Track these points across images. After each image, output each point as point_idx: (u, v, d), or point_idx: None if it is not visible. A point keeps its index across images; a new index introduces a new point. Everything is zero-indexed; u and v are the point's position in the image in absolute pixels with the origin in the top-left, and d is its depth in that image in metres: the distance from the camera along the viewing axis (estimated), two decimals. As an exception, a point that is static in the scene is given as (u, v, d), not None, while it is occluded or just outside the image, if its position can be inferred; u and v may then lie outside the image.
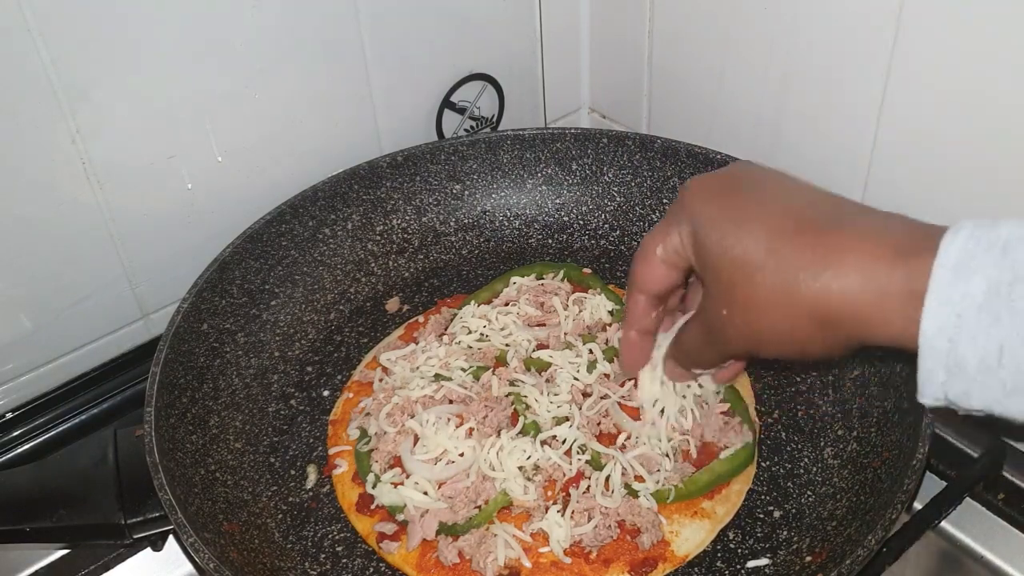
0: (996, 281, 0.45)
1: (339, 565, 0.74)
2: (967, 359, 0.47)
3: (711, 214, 0.56)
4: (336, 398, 0.88)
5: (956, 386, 0.48)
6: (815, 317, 0.52)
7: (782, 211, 0.55)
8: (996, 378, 0.46)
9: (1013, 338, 0.45)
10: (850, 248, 0.51)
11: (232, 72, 0.89)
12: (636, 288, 0.64)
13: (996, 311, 0.45)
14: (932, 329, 0.47)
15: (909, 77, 0.80)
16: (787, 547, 0.73)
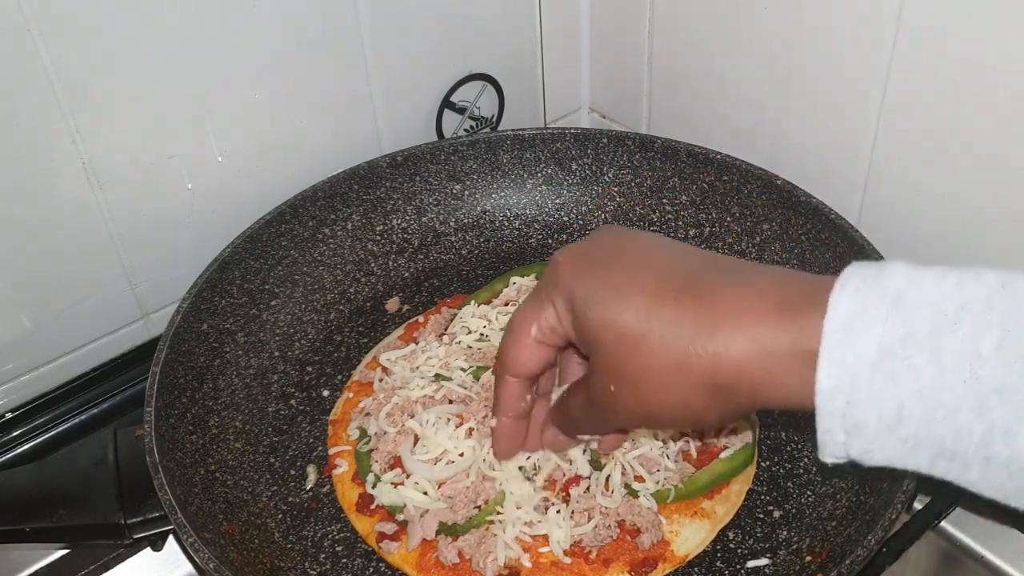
0: (888, 339, 0.43)
1: (339, 565, 0.74)
2: (866, 419, 0.45)
3: (588, 287, 0.53)
4: (336, 398, 0.88)
5: (857, 445, 0.46)
6: (708, 386, 0.49)
7: (659, 277, 0.52)
8: (896, 436, 0.44)
9: (910, 395, 0.43)
10: (733, 309, 0.48)
11: (232, 72, 0.89)
12: (508, 371, 0.60)
13: (891, 369, 0.43)
14: (827, 391, 0.45)
15: (910, 76, 0.80)
16: (787, 547, 0.73)
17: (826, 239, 0.87)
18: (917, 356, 0.43)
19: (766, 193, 0.92)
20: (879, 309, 0.44)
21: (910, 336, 0.43)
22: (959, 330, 0.42)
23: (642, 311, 0.50)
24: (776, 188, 0.91)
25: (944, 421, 0.43)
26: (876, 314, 0.44)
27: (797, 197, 0.89)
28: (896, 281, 0.44)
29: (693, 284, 0.50)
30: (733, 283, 0.50)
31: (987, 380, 0.41)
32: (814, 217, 0.88)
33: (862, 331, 0.44)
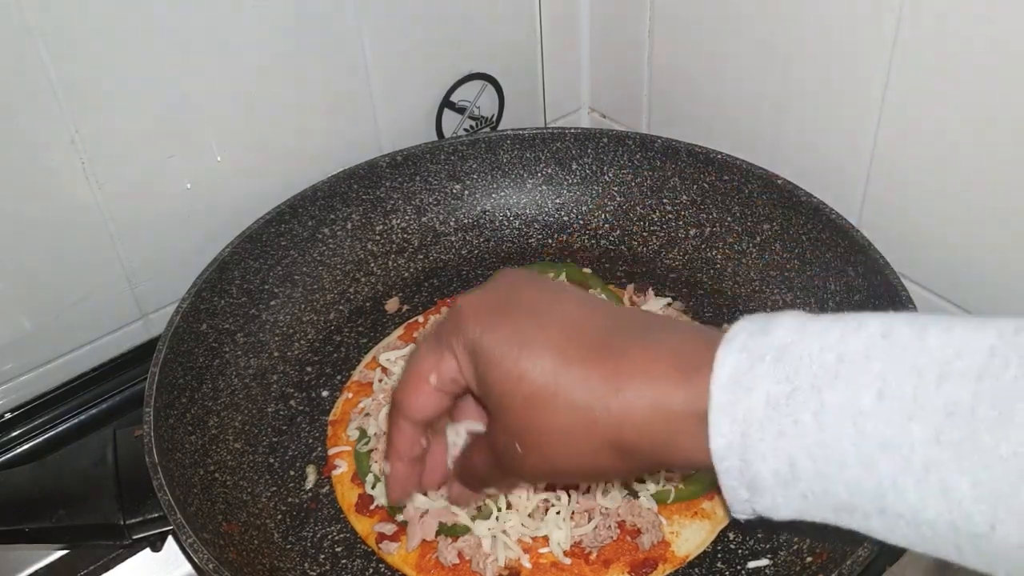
0: (774, 395, 0.43)
1: (338, 566, 0.74)
2: (762, 475, 0.44)
3: (492, 340, 0.51)
4: (335, 398, 0.88)
5: (762, 502, 0.46)
6: (614, 446, 0.49)
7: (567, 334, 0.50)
8: (795, 491, 0.44)
9: (800, 451, 0.43)
10: (637, 370, 0.48)
11: (232, 72, 0.88)
12: (403, 416, 0.58)
13: (779, 426, 0.43)
14: (721, 450, 0.45)
15: (910, 76, 0.80)
16: (787, 548, 0.73)
17: (827, 239, 0.87)
18: (802, 412, 0.42)
19: (767, 193, 0.92)
20: (763, 365, 0.44)
21: (795, 392, 0.43)
22: (839, 384, 0.42)
23: (549, 370, 0.49)
24: (777, 188, 0.91)
25: (836, 476, 0.42)
26: (760, 370, 0.43)
27: (798, 197, 0.89)
28: (781, 335, 0.44)
29: (599, 342, 0.50)
30: (637, 343, 0.49)
31: (871, 434, 0.41)
32: (815, 217, 0.88)
33: (749, 388, 0.43)
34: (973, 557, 0.40)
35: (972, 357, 0.40)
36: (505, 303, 0.53)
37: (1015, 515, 0.38)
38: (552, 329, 0.51)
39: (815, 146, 0.93)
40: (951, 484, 0.39)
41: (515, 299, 0.54)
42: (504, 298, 0.54)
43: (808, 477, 0.43)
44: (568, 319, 0.52)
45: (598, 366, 0.49)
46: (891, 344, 0.42)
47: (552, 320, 0.51)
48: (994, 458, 0.38)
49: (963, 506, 0.39)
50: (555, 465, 0.52)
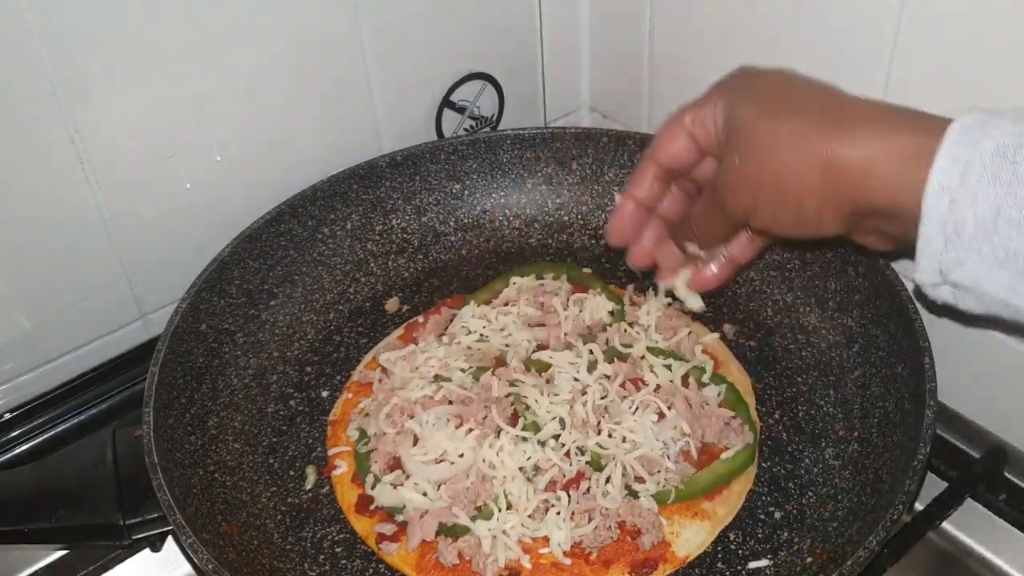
0: (1003, 145, 0.47)
1: (338, 566, 0.74)
2: (965, 221, 0.48)
3: (748, 89, 0.61)
4: (335, 398, 0.88)
5: (952, 253, 0.49)
6: (821, 166, 0.54)
7: (814, 89, 0.59)
8: (990, 244, 0.47)
9: (1009, 201, 0.46)
10: (869, 113, 0.54)
11: (231, 71, 0.88)
12: (649, 156, 0.66)
13: (997, 172, 0.46)
14: (937, 186, 0.48)
15: (910, 77, 0.80)
16: (788, 548, 0.73)
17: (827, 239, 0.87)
18: (1023, 164, 0.46)
19: (767, 193, 0.92)
20: (1002, 123, 0.48)
21: (1021, 146, 0.46)
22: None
23: (786, 107, 0.58)
24: (777, 188, 0.91)
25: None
26: (997, 125, 0.48)
27: (798, 197, 0.89)
28: (1019, 110, 0.49)
29: (834, 98, 0.58)
30: (869, 102, 0.57)
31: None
32: (815, 217, 0.88)
33: (982, 136, 0.48)
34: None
35: None
36: (768, 73, 0.63)
37: None
38: (803, 85, 0.60)
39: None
40: None
41: (778, 72, 0.63)
42: (769, 71, 0.64)
43: (1008, 229, 0.46)
44: (811, 82, 0.61)
45: (829, 103, 0.57)
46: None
47: (806, 83, 0.61)
48: None
49: None
50: (763, 175, 0.57)
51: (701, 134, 0.63)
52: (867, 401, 0.81)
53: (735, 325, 0.92)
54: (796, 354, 0.88)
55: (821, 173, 0.54)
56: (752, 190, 0.59)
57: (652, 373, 0.82)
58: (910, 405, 0.75)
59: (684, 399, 0.80)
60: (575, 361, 0.82)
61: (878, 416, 0.79)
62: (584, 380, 0.81)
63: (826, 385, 0.85)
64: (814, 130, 0.55)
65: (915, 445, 0.69)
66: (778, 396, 0.85)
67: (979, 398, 0.85)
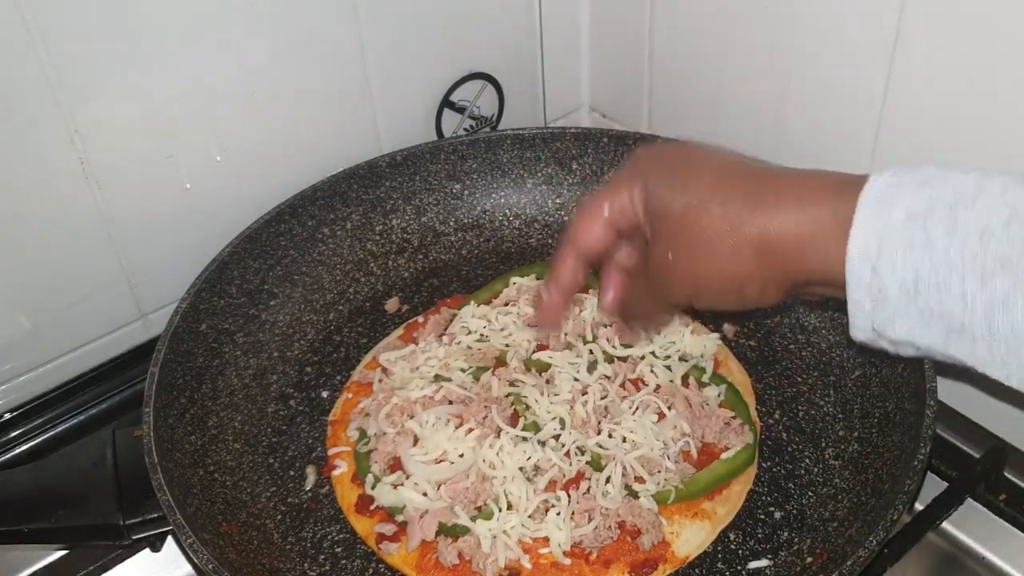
0: (913, 211, 0.49)
1: (338, 566, 0.74)
2: (889, 286, 0.50)
3: (664, 173, 0.60)
4: (335, 398, 0.88)
5: (881, 314, 0.51)
6: (755, 249, 0.55)
7: (728, 164, 0.59)
8: (915, 305, 0.49)
9: (926, 265, 0.48)
10: (788, 187, 0.55)
11: (231, 71, 0.88)
12: (571, 245, 0.65)
13: (912, 238, 0.48)
14: (857, 256, 0.50)
15: (911, 73, 0.80)
16: (788, 548, 0.73)
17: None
18: (936, 228, 0.48)
19: (767, 193, 0.92)
20: (909, 188, 0.50)
21: (932, 210, 0.48)
22: (974, 207, 0.47)
23: (708, 186, 0.57)
24: (777, 188, 0.91)
25: (955, 290, 0.47)
26: (906, 191, 0.50)
27: (798, 197, 0.89)
28: (928, 171, 0.51)
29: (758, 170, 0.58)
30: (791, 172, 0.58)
31: (992, 251, 0.46)
32: (815, 217, 0.88)
33: (892, 203, 0.50)
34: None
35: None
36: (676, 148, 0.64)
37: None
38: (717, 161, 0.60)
39: (816, 146, 0.93)
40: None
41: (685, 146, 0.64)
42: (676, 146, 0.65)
43: (928, 291, 0.48)
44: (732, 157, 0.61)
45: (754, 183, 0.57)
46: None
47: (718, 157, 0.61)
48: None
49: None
50: (699, 271, 0.58)
51: (620, 220, 0.63)
52: (867, 401, 0.81)
53: (735, 325, 0.92)
54: (796, 354, 0.88)
55: (756, 257, 0.55)
56: (690, 282, 0.60)
57: (652, 373, 0.82)
58: (910, 405, 0.75)
59: (684, 399, 0.80)
60: (575, 361, 0.82)
61: (878, 416, 0.79)
62: (584, 380, 0.81)
63: (826, 385, 0.85)
64: (742, 216, 0.55)
65: (915, 445, 0.69)
66: (778, 396, 0.85)
67: (979, 398, 0.85)
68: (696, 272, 0.58)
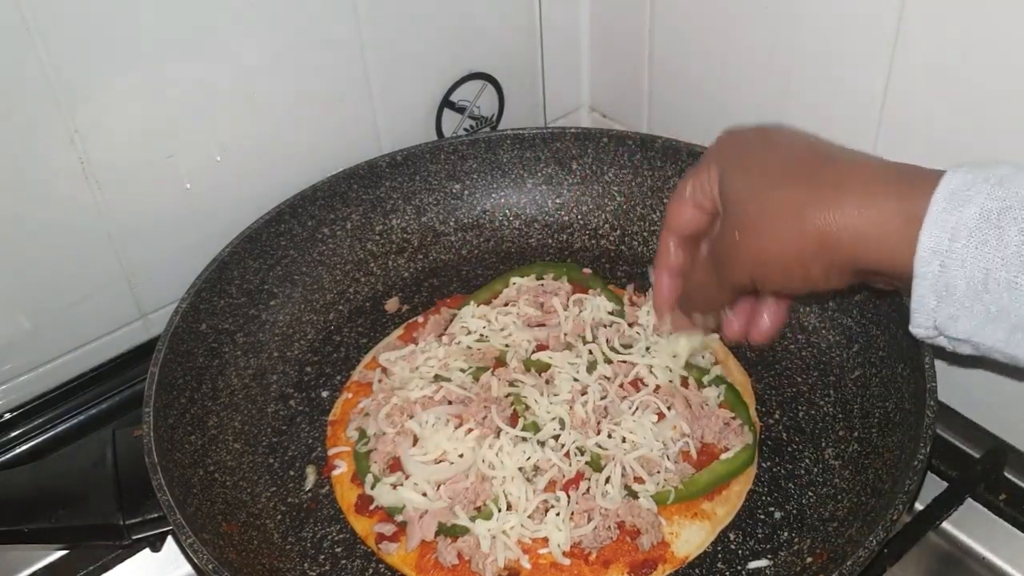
0: (988, 209, 0.49)
1: (338, 566, 0.74)
2: (956, 283, 0.50)
3: (737, 155, 0.63)
4: (335, 398, 0.88)
5: (944, 311, 0.51)
6: (819, 237, 0.56)
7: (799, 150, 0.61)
8: (981, 303, 0.50)
9: (997, 263, 0.49)
10: (856, 177, 0.56)
11: (231, 71, 0.88)
12: (666, 227, 0.70)
13: (984, 236, 0.49)
14: (927, 251, 0.50)
15: (912, 75, 0.80)
16: (788, 548, 0.73)
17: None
18: (1011, 227, 0.48)
19: (767, 193, 0.92)
20: (984, 185, 0.50)
21: (1007, 210, 0.49)
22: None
23: (777, 172, 0.59)
24: (777, 188, 0.91)
25: None
26: (980, 189, 0.50)
27: (798, 197, 0.89)
28: (1003, 169, 0.51)
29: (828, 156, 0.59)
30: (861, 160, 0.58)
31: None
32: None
33: (966, 201, 0.50)
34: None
35: None
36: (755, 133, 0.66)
37: None
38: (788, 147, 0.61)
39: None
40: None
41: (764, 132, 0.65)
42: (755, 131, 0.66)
43: (997, 289, 0.49)
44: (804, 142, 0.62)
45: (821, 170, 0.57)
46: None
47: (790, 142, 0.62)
48: None
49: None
50: (765, 254, 0.59)
51: (703, 201, 0.66)
52: (867, 401, 0.81)
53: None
54: (796, 354, 0.88)
55: (819, 243, 0.56)
56: (756, 263, 0.61)
57: (652, 374, 0.82)
58: (910, 405, 0.75)
59: (684, 399, 0.80)
60: (575, 361, 0.82)
61: (878, 416, 0.79)
62: (584, 380, 0.81)
63: (826, 385, 0.85)
64: (806, 201, 0.56)
65: (915, 445, 0.69)
66: (778, 396, 0.85)
67: (979, 398, 0.85)
68: (762, 252, 0.59)
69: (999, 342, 0.51)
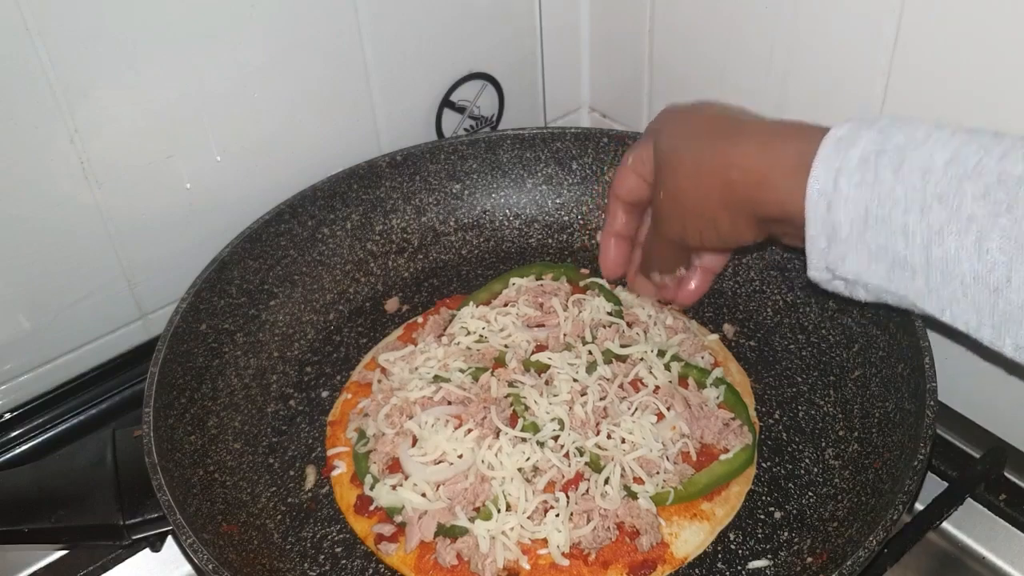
0: (867, 152, 0.53)
1: (338, 566, 0.74)
2: (841, 221, 0.53)
3: (669, 125, 0.68)
4: (335, 399, 0.88)
5: (835, 251, 0.55)
6: (719, 182, 0.61)
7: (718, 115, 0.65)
8: (863, 241, 0.53)
9: (874, 201, 0.52)
10: (755, 128, 0.61)
11: (231, 71, 0.88)
12: (611, 194, 0.73)
13: (863, 176, 0.52)
14: (815, 193, 0.54)
15: (910, 75, 0.80)
16: (788, 548, 0.73)
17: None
18: (885, 168, 0.52)
19: (767, 193, 0.92)
20: (867, 132, 0.54)
21: (883, 151, 0.52)
22: (921, 149, 0.51)
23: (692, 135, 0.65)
24: (777, 188, 0.91)
25: (897, 222, 0.51)
26: (863, 135, 0.54)
27: (798, 197, 0.89)
28: (885, 121, 0.54)
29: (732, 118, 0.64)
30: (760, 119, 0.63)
31: (932, 188, 0.50)
32: (815, 217, 0.88)
33: (849, 146, 0.53)
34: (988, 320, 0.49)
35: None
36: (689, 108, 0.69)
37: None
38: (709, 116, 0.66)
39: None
40: (985, 235, 0.48)
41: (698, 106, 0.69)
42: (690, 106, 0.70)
43: (876, 225, 0.52)
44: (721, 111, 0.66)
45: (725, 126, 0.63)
46: (971, 133, 0.52)
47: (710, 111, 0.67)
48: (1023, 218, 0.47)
49: (990, 255, 0.48)
50: (680, 204, 0.65)
51: (642, 170, 0.70)
52: (867, 401, 0.81)
53: (735, 325, 0.92)
54: (796, 354, 0.88)
55: (721, 190, 0.61)
56: (677, 217, 0.66)
57: (651, 374, 0.82)
58: (910, 405, 0.74)
59: (683, 400, 0.80)
60: (574, 362, 0.82)
61: (878, 416, 0.79)
62: (583, 381, 0.81)
63: (826, 385, 0.85)
64: (708, 151, 0.62)
65: (915, 445, 0.69)
66: (778, 396, 0.85)
67: (979, 398, 0.84)
68: (677, 205, 0.65)
69: (882, 280, 0.53)
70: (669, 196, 0.66)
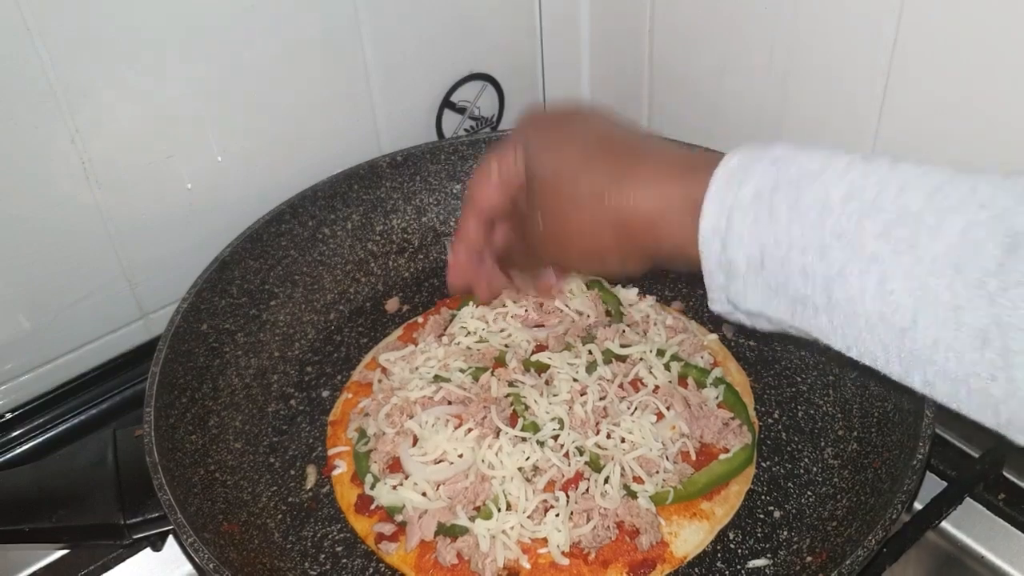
0: (761, 187, 0.50)
1: (338, 565, 0.74)
2: (737, 260, 0.51)
3: (541, 137, 0.63)
4: (335, 398, 0.88)
5: (734, 287, 0.53)
6: (613, 224, 0.58)
7: (601, 134, 0.61)
8: (762, 279, 0.51)
9: (770, 239, 0.50)
10: (647, 165, 0.57)
11: (231, 72, 0.88)
12: (469, 205, 0.68)
13: (758, 214, 0.50)
14: (707, 231, 0.52)
15: (910, 75, 0.80)
16: (787, 547, 0.73)
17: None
18: (780, 204, 0.49)
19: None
20: (759, 165, 0.51)
21: (778, 187, 0.50)
22: (816, 184, 0.49)
23: (577, 157, 0.60)
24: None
25: (795, 262, 0.49)
26: (756, 169, 0.51)
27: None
28: (778, 150, 0.52)
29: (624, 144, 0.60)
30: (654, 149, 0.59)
31: (831, 226, 0.48)
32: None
33: (742, 181, 0.51)
34: (896, 357, 0.47)
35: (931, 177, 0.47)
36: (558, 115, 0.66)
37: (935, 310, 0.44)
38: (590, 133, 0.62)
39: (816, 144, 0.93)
40: (888, 275, 0.46)
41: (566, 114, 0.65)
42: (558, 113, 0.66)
43: (773, 265, 0.50)
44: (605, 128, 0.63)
45: (617, 159, 0.59)
46: (868, 163, 0.49)
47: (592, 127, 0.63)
48: (927, 257, 0.45)
49: (894, 297, 0.46)
50: (566, 238, 0.61)
51: (508, 180, 0.66)
52: (867, 401, 0.81)
53: (735, 325, 0.92)
54: (796, 354, 0.89)
55: (614, 231, 0.58)
56: (558, 247, 0.63)
57: (651, 374, 0.82)
58: (909, 405, 0.75)
59: (683, 400, 0.80)
60: (574, 362, 0.82)
61: (877, 415, 0.79)
62: (583, 380, 0.81)
63: (825, 385, 0.85)
64: (598, 185, 0.58)
65: (914, 444, 0.70)
66: (777, 396, 0.85)
67: (978, 398, 0.84)
68: (562, 239, 0.61)
69: (785, 315, 0.52)
70: (550, 223, 0.62)
